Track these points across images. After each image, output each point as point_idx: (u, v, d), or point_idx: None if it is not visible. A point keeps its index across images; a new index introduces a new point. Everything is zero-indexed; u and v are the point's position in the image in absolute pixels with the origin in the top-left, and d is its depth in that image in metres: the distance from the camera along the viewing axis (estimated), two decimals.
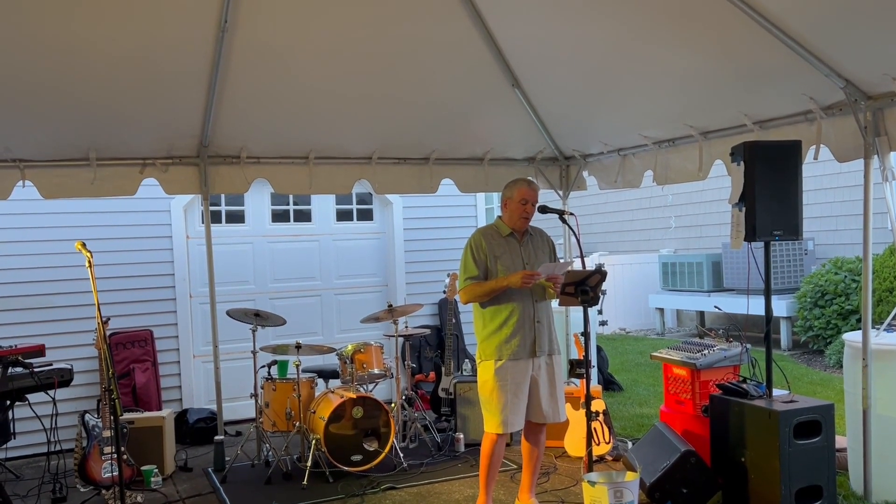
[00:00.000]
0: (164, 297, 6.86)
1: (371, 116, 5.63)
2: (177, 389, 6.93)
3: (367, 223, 7.89)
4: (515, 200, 4.34)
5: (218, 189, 5.79)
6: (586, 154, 6.46)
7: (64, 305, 6.36)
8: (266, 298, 7.31)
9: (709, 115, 5.09)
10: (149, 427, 5.56)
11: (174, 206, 6.85)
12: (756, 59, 4.22)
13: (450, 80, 5.31)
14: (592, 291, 3.99)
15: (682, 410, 5.21)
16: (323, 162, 5.97)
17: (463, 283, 4.33)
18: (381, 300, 7.53)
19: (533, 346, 4.27)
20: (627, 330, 12.98)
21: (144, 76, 4.69)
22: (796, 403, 4.24)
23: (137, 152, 5.45)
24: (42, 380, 4.87)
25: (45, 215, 6.29)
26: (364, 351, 5.80)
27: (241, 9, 4.24)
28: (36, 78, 4.49)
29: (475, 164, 6.49)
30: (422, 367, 7.61)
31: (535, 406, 4.31)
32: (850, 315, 8.85)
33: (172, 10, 4.21)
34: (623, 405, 7.43)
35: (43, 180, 5.28)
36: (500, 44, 4.97)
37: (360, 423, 5.35)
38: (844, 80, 4.10)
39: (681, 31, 4.26)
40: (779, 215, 4.27)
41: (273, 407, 5.63)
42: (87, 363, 6.13)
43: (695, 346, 5.29)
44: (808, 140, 4.51)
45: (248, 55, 4.66)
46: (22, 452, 5.93)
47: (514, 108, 5.72)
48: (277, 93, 5.13)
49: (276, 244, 7.48)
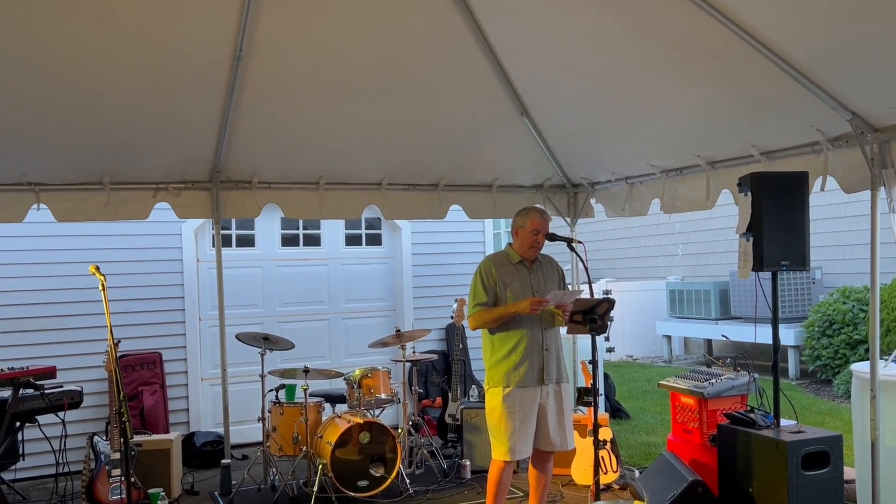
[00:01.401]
0: (173, 319, 6.90)
1: (381, 143, 5.69)
2: (184, 412, 6.95)
3: (376, 248, 7.93)
4: (527, 230, 4.37)
5: (229, 213, 5.85)
6: (594, 182, 6.51)
7: (75, 327, 6.40)
8: (274, 322, 7.34)
9: (716, 146, 5.13)
10: (156, 450, 5.58)
11: (185, 229, 6.91)
12: (763, 91, 4.27)
13: (460, 108, 5.38)
14: (601, 320, 4.01)
15: (689, 439, 5.20)
16: (333, 187, 6.03)
17: (472, 309, 4.36)
18: (389, 325, 7.56)
19: (541, 374, 4.29)
20: (635, 357, 12.95)
21: (160, 103, 4.77)
22: (804, 434, 4.24)
23: (151, 177, 5.52)
24: (52, 401, 4.91)
25: (58, 238, 6.36)
26: (371, 376, 5.82)
27: (256, 38, 4.32)
28: (53, 104, 4.57)
29: (484, 191, 6.54)
30: (428, 393, 7.61)
31: (543, 434, 4.31)
32: (858, 345, 8.82)
33: (189, 39, 4.30)
34: (630, 433, 7.41)
35: (57, 204, 5.34)
36: (510, 74, 5.04)
37: (366, 449, 5.35)
38: (851, 113, 4.14)
39: (689, 62, 4.32)
40: (786, 245, 4.30)
41: (280, 431, 5.64)
42: (96, 385, 6.17)
43: (702, 375, 5.29)
44: (815, 171, 4.54)
45: (261, 83, 4.74)
46: (30, 474, 5.94)
47: (522, 137, 5.78)
48: (289, 119, 5.21)
49: (285, 268, 7.52)
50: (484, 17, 4.47)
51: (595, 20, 4.22)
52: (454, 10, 4.36)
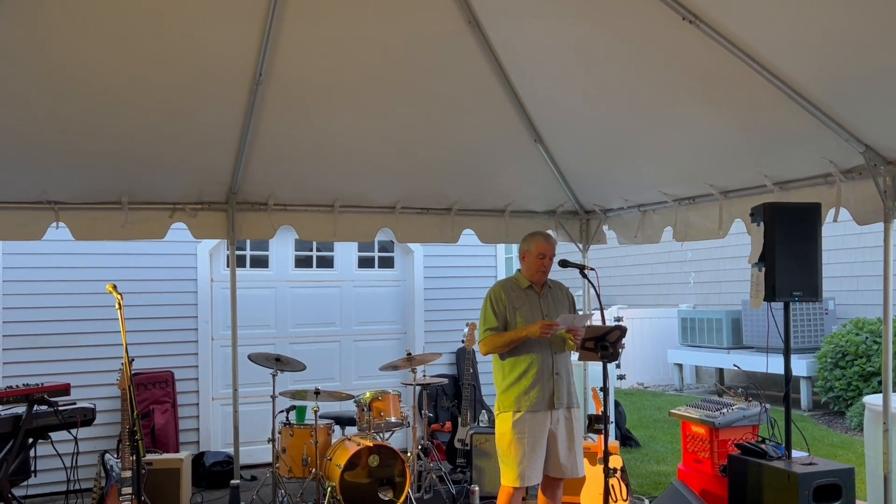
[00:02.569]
0: (186, 339, 6.96)
1: (396, 167, 5.75)
2: (194, 432, 6.97)
3: (388, 271, 7.97)
4: (533, 254, 4.40)
5: (245, 234, 5.91)
6: (606, 209, 6.54)
7: (88, 345, 6.47)
8: (286, 343, 7.37)
9: (729, 175, 5.15)
10: (166, 469, 5.59)
11: (200, 249, 6.98)
12: (777, 123, 4.30)
13: (474, 134, 5.44)
14: (612, 347, 4.01)
15: (700, 469, 5.17)
16: (347, 210, 6.09)
17: (483, 333, 4.38)
18: (400, 348, 7.57)
19: (552, 398, 4.29)
20: (645, 385, 12.88)
21: (179, 125, 4.85)
22: (816, 466, 4.21)
23: (168, 197, 5.59)
24: (65, 418, 4.94)
25: (74, 255, 6.44)
26: (382, 399, 5.82)
27: (276, 62, 4.40)
28: (75, 125, 4.65)
29: (496, 216, 6.58)
30: (438, 417, 7.60)
31: (554, 460, 4.31)
32: (871, 377, 8.75)
33: (210, 62, 4.38)
34: (640, 462, 7.36)
35: (76, 222, 5.41)
36: (524, 101, 5.09)
37: (375, 472, 5.35)
38: (864, 146, 4.16)
39: (703, 92, 4.36)
40: (798, 276, 4.30)
41: (290, 452, 5.64)
42: (108, 403, 6.20)
43: (713, 405, 5.27)
44: (828, 202, 4.56)
45: (278, 106, 4.81)
46: (41, 490, 5.98)
47: (535, 163, 5.83)
48: (306, 143, 5.27)
49: (297, 289, 7.57)
50: (499, 45, 4.53)
51: (610, 49, 4.28)
52: (470, 38, 4.43)
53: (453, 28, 4.34)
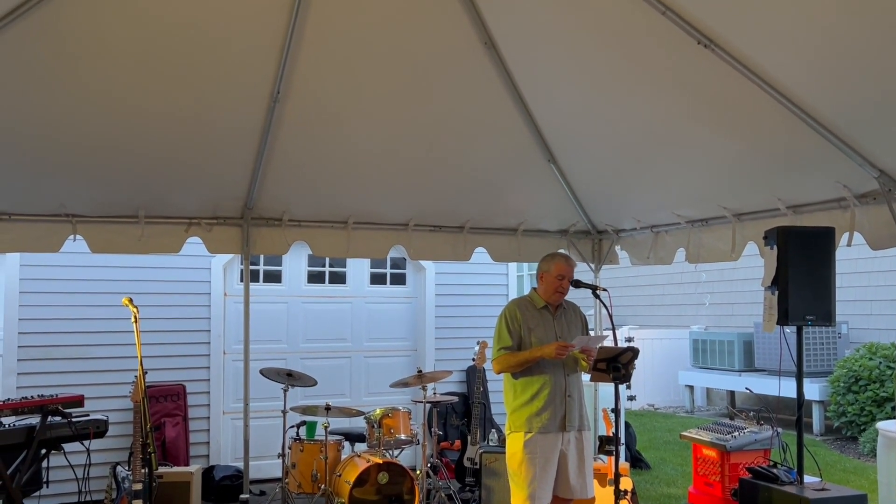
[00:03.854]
0: (198, 352, 7.00)
1: (409, 185, 5.79)
2: (205, 445, 6.99)
3: (400, 287, 8.00)
4: (552, 275, 4.41)
5: (259, 249, 5.95)
6: (619, 229, 6.54)
7: (102, 357, 6.52)
8: (297, 358, 7.40)
9: (743, 198, 5.16)
10: (176, 482, 5.60)
11: (215, 264, 7.04)
12: (791, 146, 4.31)
13: (488, 153, 5.47)
14: (624, 368, 4.01)
15: (710, 493, 5.14)
16: (361, 227, 6.12)
17: (496, 352, 4.38)
18: (410, 365, 7.58)
19: (563, 421, 4.28)
20: (656, 406, 12.81)
21: (196, 140, 4.91)
22: (828, 492, 4.18)
23: (184, 212, 5.65)
24: (78, 430, 4.97)
25: (89, 268, 6.51)
26: (392, 416, 5.83)
27: (294, 80, 4.46)
28: (94, 140, 4.72)
29: (509, 235, 6.60)
30: (448, 435, 7.59)
31: (564, 481, 4.30)
32: (885, 402, 8.68)
33: (228, 81, 4.44)
34: (651, 484, 7.31)
35: (93, 235, 5.47)
36: (538, 120, 5.13)
37: (384, 489, 5.35)
38: (878, 171, 4.16)
39: (717, 115, 4.38)
40: (812, 300, 4.29)
41: (299, 468, 5.65)
42: (121, 415, 6.23)
43: (725, 428, 5.25)
44: (842, 227, 4.55)
45: (295, 124, 4.87)
46: (52, 502, 6.00)
47: (548, 182, 5.85)
48: (321, 160, 5.32)
49: (309, 304, 7.60)
50: (514, 65, 4.58)
51: (625, 71, 4.31)
52: (485, 58, 4.48)
53: (469, 48, 4.39)
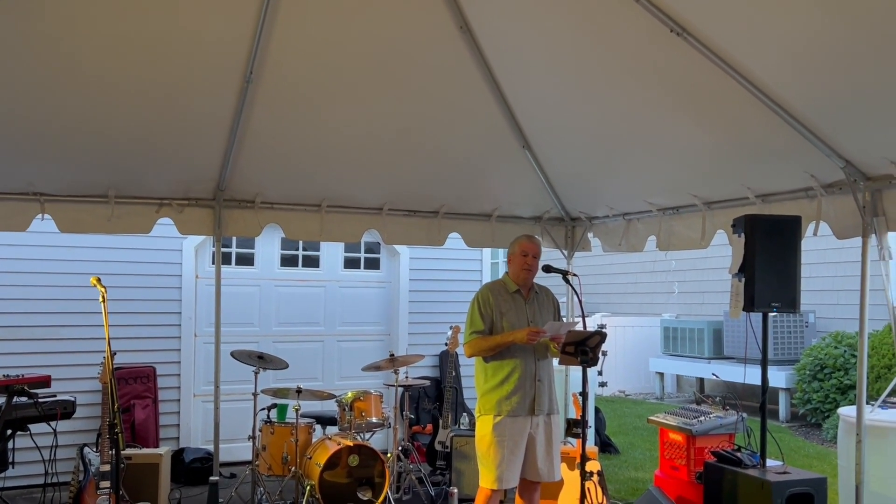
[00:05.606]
0: (168, 334, 6.95)
1: (384, 169, 5.78)
2: (174, 428, 6.96)
3: (374, 272, 7.99)
4: (517, 254, 4.48)
5: (231, 232, 5.91)
6: (592, 216, 6.59)
7: (70, 338, 6.44)
8: (269, 341, 7.37)
9: (713, 187, 5.22)
10: (145, 464, 5.58)
11: (186, 245, 6.98)
12: (760, 137, 4.37)
13: (463, 138, 5.48)
14: (592, 352, 4.06)
15: (676, 476, 5.22)
16: (335, 210, 6.10)
17: (468, 336, 4.41)
18: (383, 349, 7.59)
19: (532, 405, 4.33)
20: (627, 393, 12.95)
21: (168, 120, 4.85)
22: (789, 475, 4.27)
23: (155, 192, 5.59)
24: (45, 411, 4.93)
25: (58, 248, 6.42)
26: (364, 399, 5.84)
27: (267, 62, 4.42)
28: (63, 117, 4.65)
29: (483, 220, 6.62)
30: (419, 419, 7.62)
31: (531, 464, 4.34)
32: (848, 390, 8.85)
33: (200, 60, 4.39)
34: (619, 468, 7.41)
35: (61, 215, 5.40)
36: (513, 107, 5.14)
37: (355, 472, 5.36)
38: (844, 161, 4.23)
39: (689, 106, 4.43)
40: (777, 288, 4.37)
41: (270, 450, 5.65)
42: (89, 396, 6.18)
43: (691, 413, 5.33)
44: (809, 216, 4.63)
45: (269, 105, 4.83)
46: (18, 483, 5.94)
47: (523, 169, 5.87)
48: (295, 142, 5.29)
49: (282, 288, 7.58)
50: (490, 51, 4.58)
51: (600, 59, 4.33)
52: (461, 42, 4.47)
53: (444, 32, 4.38)
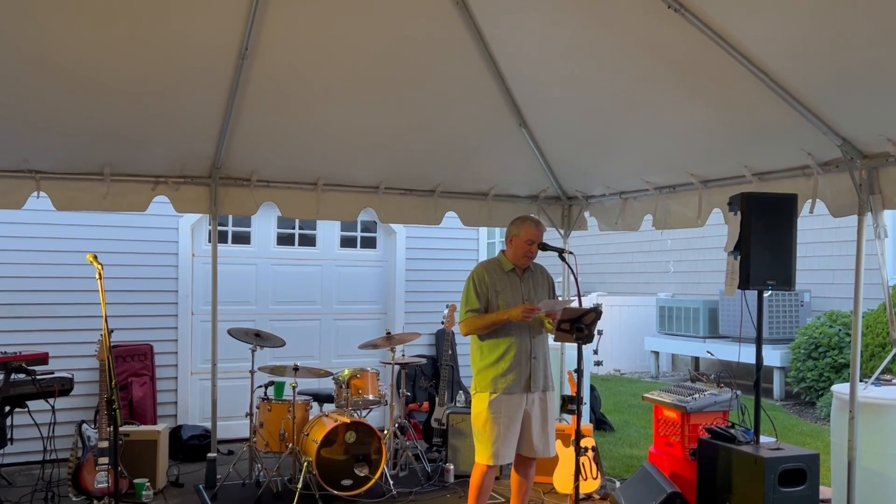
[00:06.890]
0: (166, 312, 6.96)
1: (380, 147, 5.77)
2: (172, 405, 6.99)
3: (370, 251, 8.00)
4: (522, 239, 4.44)
5: (227, 210, 5.91)
6: (588, 195, 6.59)
7: (68, 315, 6.45)
8: (266, 319, 7.39)
9: (709, 165, 5.22)
10: (143, 441, 5.62)
11: (182, 224, 6.97)
12: (757, 115, 4.36)
13: (459, 117, 5.46)
14: (587, 329, 4.07)
15: (670, 452, 5.27)
16: (331, 189, 6.10)
17: (464, 314, 4.42)
18: (380, 328, 7.61)
19: (528, 382, 4.35)
20: (622, 371, 13.02)
21: (164, 98, 4.83)
22: (783, 451, 4.31)
23: (151, 170, 5.58)
24: (43, 387, 4.95)
25: (55, 226, 6.40)
26: (360, 377, 5.87)
27: (262, 38, 4.39)
28: (58, 94, 4.63)
29: (479, 199, 6.62)
30: (416, 397, 7.67)
31: (527, 440, 4.38)
32: (842, 368, 8.91)
33: (195, 36, 4.36)
34: (614, 445, 7.47)
35: (57, 192, 5.39)
36: (510, 85, 5.12)
37: (352, 449, 5.40)
38: (841, 139, 4.23)
39: (687, 84, 4.41)
40: (773, 265, 4.39)
41: (267, 427, 5.68)
42: (87, 374, 6.20)
43: (686, 390, 5.37)
44: (805, 194, 4.64)
45: (264, 82, 4.81)
46: (17, 459, 5.97)
47: (520, 147, 5.86)
48: (291, 120, 5.27)
49: (279, 266, 7.58)
50: (487, 29, 4.56)
51: (597, 37, 4.31)
52: (458, 20, 4.45)
53: (440, 9, 4.35)
